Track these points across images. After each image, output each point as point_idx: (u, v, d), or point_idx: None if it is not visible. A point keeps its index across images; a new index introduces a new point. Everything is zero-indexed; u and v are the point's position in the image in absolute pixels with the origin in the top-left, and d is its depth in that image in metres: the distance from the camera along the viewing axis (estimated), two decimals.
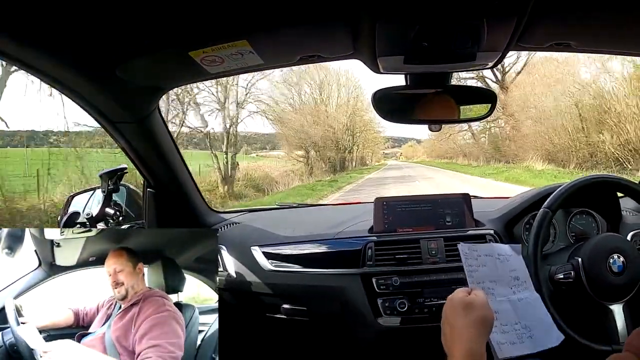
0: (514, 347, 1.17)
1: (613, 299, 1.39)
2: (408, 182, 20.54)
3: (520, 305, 1.25)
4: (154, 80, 1.43)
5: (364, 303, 1.75)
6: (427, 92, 1.49)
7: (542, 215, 1.49)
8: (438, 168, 32.61)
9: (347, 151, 30.09)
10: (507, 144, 26.07)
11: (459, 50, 1.16)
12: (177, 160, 1.82)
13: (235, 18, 1.08)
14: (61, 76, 1.24)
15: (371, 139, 36.13)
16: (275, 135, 25.96)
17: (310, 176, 23.24)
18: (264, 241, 1.93)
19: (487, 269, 1.28)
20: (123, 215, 1.73)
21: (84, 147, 11.77)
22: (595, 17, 1.13)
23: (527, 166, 21.48)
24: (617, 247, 1.42)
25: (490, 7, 1.00)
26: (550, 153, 21.40)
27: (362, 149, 35.32)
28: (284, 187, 19.24)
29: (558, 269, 1.46)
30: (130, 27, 1.09)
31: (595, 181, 1.53)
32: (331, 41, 1.24)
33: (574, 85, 20.16)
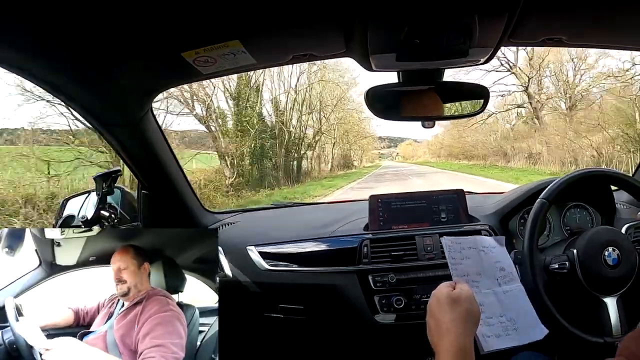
0: (499, 339, 1.17)
1: (607, 292, 1.40)
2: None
3: (504, 298, 1.27)
4: (146, 82, 1.43)
5: (361, 300, 1.75)
6: (420, 89, 1.50)
7: (539, 206, 1.49)
8: (465, 174, 22.62)
9: (303, 150, 22.32)
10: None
11: (450, 47, 1.16)
12: (171, 162, 1.81)
13: (228, 18, 1.08)
14: (53, 79, 1.24)
15: (356, 132, 29.18)
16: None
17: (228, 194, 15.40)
18: (260, 241, 1.92)
19: (471, 262, 1.29)
20: (118, 218, 1.72)
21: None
22: (586, 12, 1.14)
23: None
24: (612, 240, 1.43)
25: (482, 3, 1.00)
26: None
27: (344, 145, 28.80)
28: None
29: (553, 259, 1.46)
30: (122, 29, 1.08)
31: (591, 174, 1.54)
32: (323, 40, 1.24)
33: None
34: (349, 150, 30.80)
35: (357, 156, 33.49)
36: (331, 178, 23.76)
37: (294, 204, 2.57)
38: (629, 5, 1.10)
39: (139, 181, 1.82)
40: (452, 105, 1.55)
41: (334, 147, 27.37)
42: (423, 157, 43.10)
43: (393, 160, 45.50)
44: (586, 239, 1.45)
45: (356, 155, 33.68)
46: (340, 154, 29.23)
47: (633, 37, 1.33)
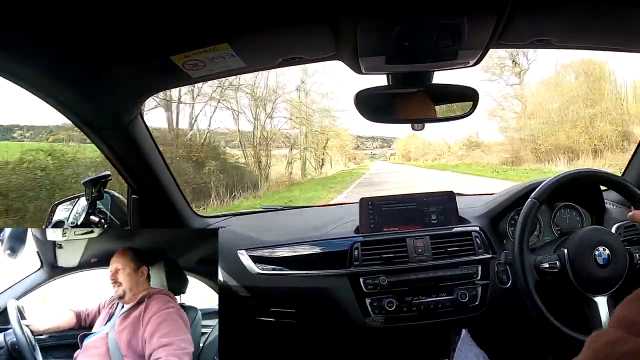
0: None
1: (598, 291, 1.41)
2: None
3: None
4: (136, 86, 1.42)
5: (352, 303, 1.75)
6: (410, 91, 1.50)
7: (529, 206, 1.50)
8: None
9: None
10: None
11: (440, 49, 1.17)
12: (161, 166, 1.80)
13: (216, 21, 1.08)
14: (41, 82, 1.23)
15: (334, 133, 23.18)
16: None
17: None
18: (251, 245, 1.92)
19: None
20: (108, 223, 1.71)
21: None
22: (575, 13, 1.15)
23: None
24: (602, 239, 1.44)
25: (471, 5, 1.01)
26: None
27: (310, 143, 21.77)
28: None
29: (544, 258, 1.47)
30: (111, 32, 1.08)
31: (581, 175, 1.55)
32: (313, 43, 1.24)
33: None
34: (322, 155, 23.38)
35: (332, 158, 26.10)
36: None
37: (284, 207, 2.56)
38: (617, 7, 1.11)
39: (128, 185, 1.81)
40: (441, 107, 1.56)
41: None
42: (433, 157, 33.03)
43: (387, 161, 37.52)
44: (576, 238, 1.46)
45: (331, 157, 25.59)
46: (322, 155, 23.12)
47: (621, 38, 1.34)
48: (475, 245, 1.80)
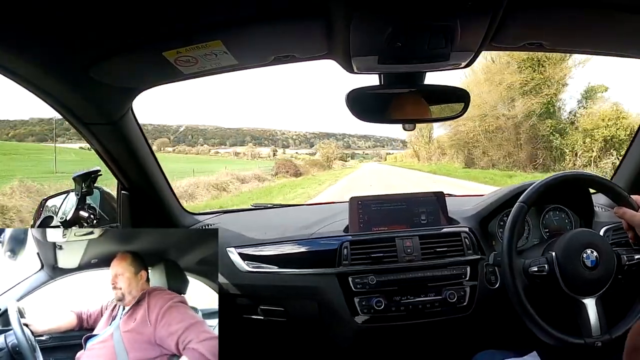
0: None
1: (586, 293, 1.41)
2: None
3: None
4: (127, 81, 1.41)
5: (341, 302, 1.75)
6: (401, 91, 1.50)
7: (517, 209, 1.50)
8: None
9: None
10: None
11: (432, 50, 1.17)
12: (151, 162, 1.80)
13: (209, 18, 1.08)
14: (32, 75, 1.22)
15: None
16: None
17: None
18: (240, 242, 1.92)
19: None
20: (97, 218, 1.71)
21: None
22: (567, 18, 1.15)
23: None
24: (590, 242, 1.45)
25: (464, 7, 1.01)
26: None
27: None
28: None
29: (532, 261, 1.48)
30: (103, 27, 1.07)
31: (569, 177, 1.56)
32: (305, 41, 1.24)
33: None
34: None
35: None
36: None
37: (274, 205, 2.56)
38: (609, 12, 1.12)
39: (118, 181, 1.81)
40: (432, 108, 1.56)
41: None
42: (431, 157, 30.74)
43: (381, 162, 35.50)
44: (565, 241, 1.47)
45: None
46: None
47: (613, 43, 1.35)
48: (464, 245, 1.81)
